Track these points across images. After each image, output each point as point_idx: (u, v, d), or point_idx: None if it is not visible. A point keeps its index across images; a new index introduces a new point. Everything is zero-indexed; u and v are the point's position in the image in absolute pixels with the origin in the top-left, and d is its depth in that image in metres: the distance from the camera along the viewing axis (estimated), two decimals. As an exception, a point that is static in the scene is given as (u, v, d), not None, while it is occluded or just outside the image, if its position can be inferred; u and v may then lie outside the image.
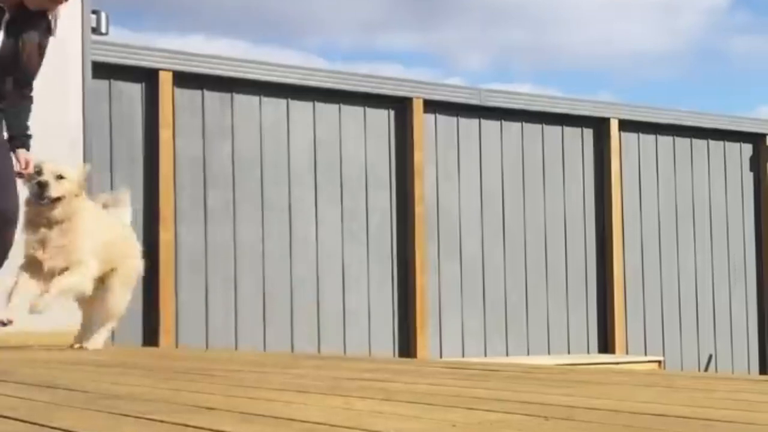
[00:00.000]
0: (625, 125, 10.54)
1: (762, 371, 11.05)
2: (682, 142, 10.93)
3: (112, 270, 5.43)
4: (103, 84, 7.96)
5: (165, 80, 8.29)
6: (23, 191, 5.11)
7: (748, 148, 11.35)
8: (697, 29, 35.15)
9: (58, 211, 5.10)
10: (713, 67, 35.68)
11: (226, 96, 8.67)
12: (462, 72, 36.14)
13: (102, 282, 5.38)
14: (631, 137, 10.61)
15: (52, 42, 6.61)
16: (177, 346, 8.08)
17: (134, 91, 8.27)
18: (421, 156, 9.35)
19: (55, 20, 4.96)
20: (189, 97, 8.50)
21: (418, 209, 9.28)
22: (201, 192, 8.47)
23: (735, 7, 35.49)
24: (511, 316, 9.82)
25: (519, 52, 35.78)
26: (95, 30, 7.18)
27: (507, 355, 9.66)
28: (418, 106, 9.39)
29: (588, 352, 10.10)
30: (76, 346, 5.52)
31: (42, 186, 5.06)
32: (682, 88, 35.74)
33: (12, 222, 4.83)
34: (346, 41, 35.87)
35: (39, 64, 4.96)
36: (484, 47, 37.04)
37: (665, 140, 10.83)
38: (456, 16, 34.46)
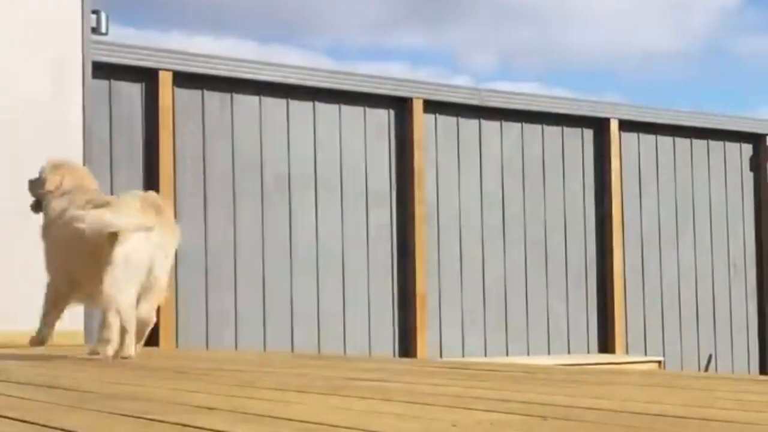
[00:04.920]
0: (625, 125, 10.54)
1: (762, 371, 11.05)
2: (682, 142, 10.93)
3: None
4: (103, 84, 7.96)
5: (165, 80, 8.29)
6: None
7: (748, 148, 11.35)
8: (707, 29, 35.13)
9: None
10: (722, 67, 35.64)
11: (226, 96, 8.67)
12: (470, 71, 36.12)
13: None
14: (631, 137, 10.61)
15: (53, 42, 6.62)
16: (177, 347, 8.09)
17: (134, 91, 8.27)
18: (421, 156, 9.35)
19: None
20: (189, 97, 8.50)
21: (418, 209, 9.28)
22: (201, 192, 8.47)
23: (745, 6, 35.47)
24: (511, 316, 9.83)
25: (527, 52, 35.76)
26: (95, 30, 7.18)
27: (507, 355, 9.66)
28: (418, 106, 9.39)
29: (588, 352, 10.11)
30: None
31: None
32: (690, 88, 35.71)
33: None
34: (354, 40, 35.85)
35: None
36: (492, 46, 37.02)
37: (665, 140, 10.83)
38: (464, 15, 34.46)
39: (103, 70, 7.75)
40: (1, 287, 6.27)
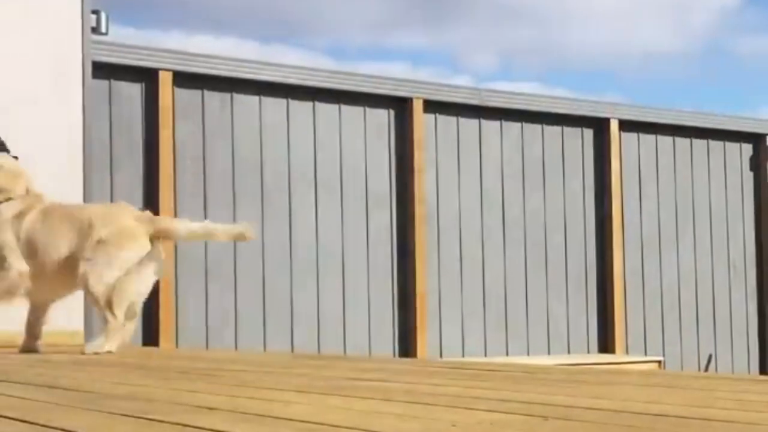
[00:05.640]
0: (625, 125, 10.55)
1: (762, 371, 11.05)
2: (682, 142, 10.93)
3: None
4: (103, 84, 7.96)
5: (165, 80, 8.29)
6: None
7: (748, 148, 11.35)
8: (707, 29, 35.13)
9: None
10: (722, 67, 35.67)
11: (226, 96, 8.67)
12: (470, 71, 36.13)
13: None
14: (631, 137, 10.61)
15: (52, 42, 6.62)
16: (177, 347, 8.08)
17: (134, 91, 8.27)
18: (421, 156, 9.35)
19: None
20: (189, 97, 8.50)
21: (418, 209, 9.28)
22: (201, 192, 8.47)
23: (745, 6, 35.49)
24: (511, 316, 9.82)
25: (528, 52, 35.77)
26: (95, 30, 7.18)
27: (507, 355, 9.66)
28: (418, 106, 9.39)
29: (588, 352, 10.11)
30: None
31: None
32: (690, 88, 35.73)
33: None
34: (355, 40, 35.86)
35: None
36: (493, 46, 37.04)
37: (665, 140, 10.83)
38: (464, 15, 34.47)
39: (103, 70, 7.75)
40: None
